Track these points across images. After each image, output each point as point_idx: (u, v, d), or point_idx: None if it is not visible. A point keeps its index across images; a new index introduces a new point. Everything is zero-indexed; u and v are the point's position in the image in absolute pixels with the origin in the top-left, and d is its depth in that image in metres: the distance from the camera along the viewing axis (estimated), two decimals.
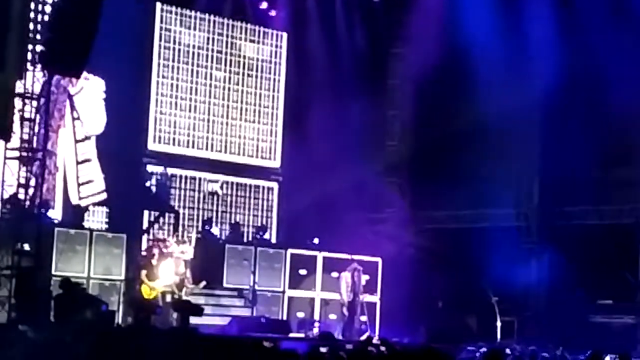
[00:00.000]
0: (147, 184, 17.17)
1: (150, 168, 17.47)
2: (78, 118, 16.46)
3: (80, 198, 16.30)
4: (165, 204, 17.19)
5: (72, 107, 16.39)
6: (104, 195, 16.53)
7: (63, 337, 9.91)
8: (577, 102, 16.30)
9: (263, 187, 18.95)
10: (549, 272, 17.20)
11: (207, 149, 18.36)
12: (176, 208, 17.55)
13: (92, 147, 16.67)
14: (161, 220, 16.90)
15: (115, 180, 16.61)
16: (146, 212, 17.02)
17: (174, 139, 18.01)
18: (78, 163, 16.40)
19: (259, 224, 18.31)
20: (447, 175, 17.48)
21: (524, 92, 17.04)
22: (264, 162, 18.98)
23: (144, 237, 16.24)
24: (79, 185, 16.35)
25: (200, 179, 18.26)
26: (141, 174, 17.23)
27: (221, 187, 18.33)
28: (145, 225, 16.78)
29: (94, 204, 16.43)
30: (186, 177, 18.12)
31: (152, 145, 17.75)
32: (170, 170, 17.67)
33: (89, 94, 16.51)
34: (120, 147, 16.96)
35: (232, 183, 18.64)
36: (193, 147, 18.23)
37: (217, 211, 18.18)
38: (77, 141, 16.44)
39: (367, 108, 18.11)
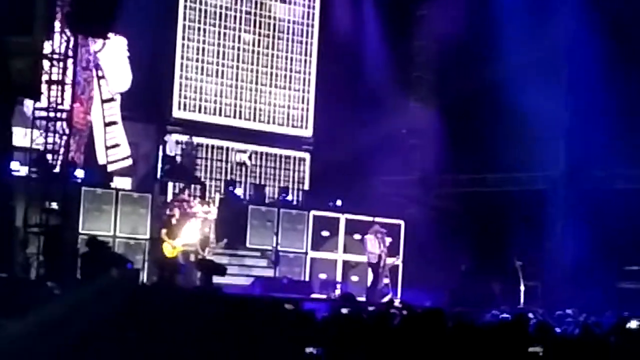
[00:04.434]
0: (172, 153, 16.83)
1: (174, 137, 17.07)
2: (103, 77, 16.37)
3: (108, 162, 16.25)
4: (191, 175, 16.79)
5: (97, 66, 16.30)
6: (130, 161, 16.44)
7: (89, 294, 10.07)
8: (605, 58, 16.01)
9: (294, 158, 18.46)
10: (574, 236, 17.11)
11: (235, 116, 17.86)
12: (202, 179, 17.10)
13: (117, 109, 16.54)
14: (186, 192, 16.24)
15: (138, 149, 16.50)
16: (170, 184, 16.56)
17: (200, 106, 17.56)
18: (105, 125, 16.37)
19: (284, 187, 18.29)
20: (472, 138, 17.37)
21: (549, 50, 16.81)
22: (295, 130, 18.42)
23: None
24: (106, 148, 16.33)
25: (227, 148, 17.78)
26: (165, 142, 16.86)
27: (250, 158, 17.79)
28: (169, 197, 16.29)
29: (119, 173, 16.17)
30: (213, 147, 17.66)
31: (177, 113, 17.36)
32: (196, 140, 17.24)
33: (112, 52, 16.25)
34: (143, 114, 16.81)
35: (262, 153, 18.12)
36: (220, 114, 17.77)
37: (245, 182, 17.63)
38: (103, 101, 16.40)
39: (392, 70, 17.96)
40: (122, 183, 16.21)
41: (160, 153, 16.61)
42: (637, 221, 15.97)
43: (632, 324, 8.29)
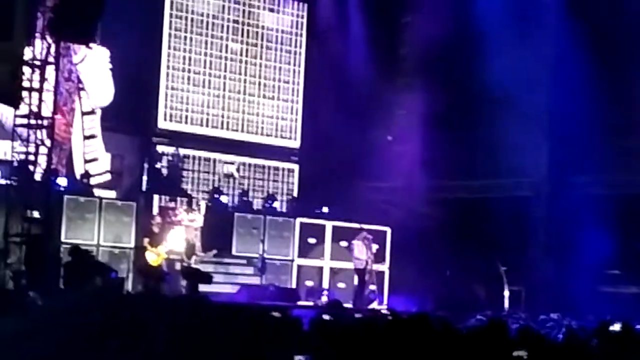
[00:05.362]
0: (158, 165, 16.63)
1: (160, 148, 16.86)
2: (83, 89, 16.21)
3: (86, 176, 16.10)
4: (177, 187, 16.58)
5: (77, 77, 16.17)
6: (108, 176, 16.24)
7: (72, 304, 10.00)
8: (588, 65, 16.15)
9: (283, 169, 18.34)
10: (558, 241, 17.19)
11: (222, 127, 17.65)
12: (189, 192, 16.85)
13: (97, 122, 16.36)
14: (173, 204, 16.02)
15: (123, 160, 16.32)
16: (156, 197, 16.29)
17: (186, 117, 17.35)
18: (85, 138, 16.21)
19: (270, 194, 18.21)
20: (457, 145, 17.43)
21: (532, 59, 16.95)
22: (283, 141, 18.30)
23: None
24: (85, 161, 16.16)
25: (214, 160, 17.59)
26: (151, 154, 16.66)
27: (237, 169, 17.71)
28: (155, 210, 16.00)
29: (101, 186, 16.01)
30: (199, 159, 17.47)
31: (162, 124, 17.15)
32: (183, 151, 17.04)
33: (94, 63, 16.13)
34: (127, 125, 16.59)
35: (249, 165, 17.99)
36: (207, 125, 17.56)
37: (233, 195, 17.50)
38: (83, 114, 16.25)
39: (378, 77, 17.99)
40: (106, 195, 15.99)
41: (146, 165, 16.44)
42: (618, 226, 16.07)
43: (615, 327, 8.34)
